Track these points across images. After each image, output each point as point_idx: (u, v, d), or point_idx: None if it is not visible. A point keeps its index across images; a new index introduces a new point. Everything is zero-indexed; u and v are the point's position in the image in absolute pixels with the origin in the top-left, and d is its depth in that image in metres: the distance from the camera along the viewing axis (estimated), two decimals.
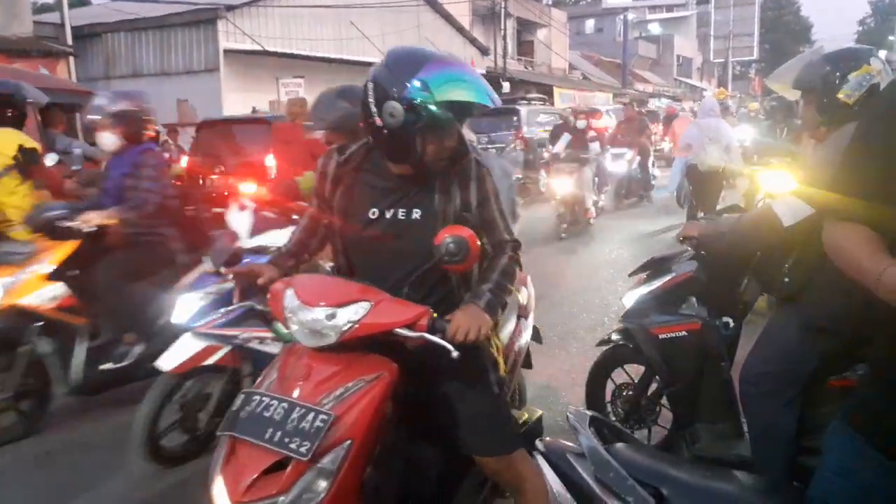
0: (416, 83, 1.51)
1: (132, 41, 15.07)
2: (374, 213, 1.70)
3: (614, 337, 2.88)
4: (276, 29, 14.64)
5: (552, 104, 17.81)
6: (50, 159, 3.91)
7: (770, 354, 2.18)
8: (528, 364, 2.58)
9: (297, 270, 1.86)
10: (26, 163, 3.55)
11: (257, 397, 1.50)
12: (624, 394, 2.92)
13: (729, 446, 2.49)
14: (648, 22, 42.25)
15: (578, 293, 5.62)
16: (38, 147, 3.74)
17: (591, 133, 8.75)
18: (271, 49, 14.03)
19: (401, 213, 1.69)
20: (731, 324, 2.57)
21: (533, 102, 15.24)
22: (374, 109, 1.56)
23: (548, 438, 1.59)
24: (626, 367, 2.95)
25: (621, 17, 31.90)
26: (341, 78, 15.79)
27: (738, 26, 45.76)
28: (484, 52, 21.56)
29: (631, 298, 2.72)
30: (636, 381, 2.87)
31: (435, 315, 1.57)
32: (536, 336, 2.60)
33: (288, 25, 14.89)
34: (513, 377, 2.27)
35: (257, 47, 13.92)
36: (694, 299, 2.61)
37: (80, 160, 5.26)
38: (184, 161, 7.56)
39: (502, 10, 22.55)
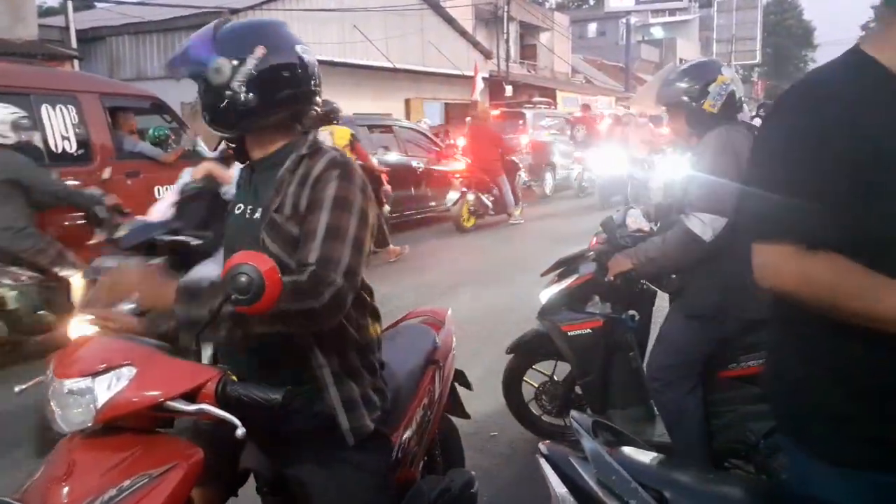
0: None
1: (137, 44, 15.12)
2: (238, 207, 1.46)
3: (522, 340, 3.06)
4: None
5: (555, 108, 17.87)
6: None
7: (667, 348, 2.41)
8: (461, 413, 2.31)
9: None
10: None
11: None
12: (544, 392, 3.09)
13: (640, 430, 2.68)
14: (651, 26, 42.26)
15: None
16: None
17: None
18: None
19: (248, 211, 1.42)
20: (637, 316, 2.76)
21: (538, 106, 15.29)
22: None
23: (549, 442, 1.60)
24: (537, 366, 3.12)
25: (624, 20, 31.88)
26: (345, 81, 15.83)
27: (741, 30, 45.72)
28: (487, 55, 21.59)
29: (545, 296, 2.88)
30: (552, 377, 3.08)
31: (231, 377, 1.21)
32: (463, 381, 2.31)
33: (292, 29, 14.86)
34: (423, 437, 1.87)
35: None
36: (597, 297, 2.80)
37: None
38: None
39: (505, 14, 22.59)
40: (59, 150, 4.92)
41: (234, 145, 1.47)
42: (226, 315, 1.23)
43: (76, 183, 4.65)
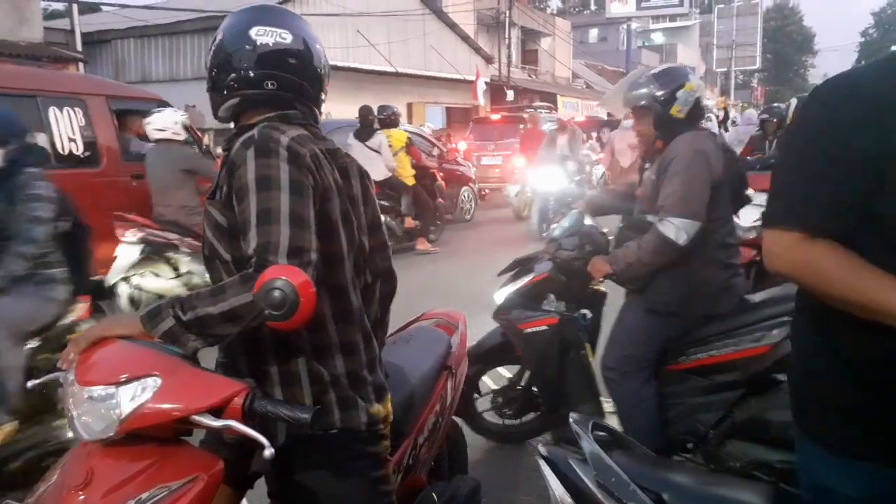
0: None
1: (141, 47, 15.20)
2: None
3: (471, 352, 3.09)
4: None
5: (556, 113, 17.92)
6: None
7: (623, 340, 2.45)
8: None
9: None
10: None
11: None
12: (499, 398, 3.09)
13: None
14: (652, 31, 42.33)
15: None
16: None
17: None
18: None
19: None
20: (589, 315, 2.80)
21: (539, 110, 15.39)
22: None
23: (548, 444, 1.62)
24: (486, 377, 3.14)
25: (625, 26, 31.97)
26: (348, 85, 15.77)
27: (741, 36, 45.80)
28: (488, 60, 21.65)
29: (501, 296, 2.90)
30: (494, 389, 3.11)
31: (258, 392, 1.18)
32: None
33: None
34: (433, 445, 1.82)
35: None
36: (553, 295, 2.83)
37: None
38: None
39: (507, 20, 22.66)
40: (66, 153, 4.96)
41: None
42: (186, 324, 1.19)
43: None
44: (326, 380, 1.33)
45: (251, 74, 1.35)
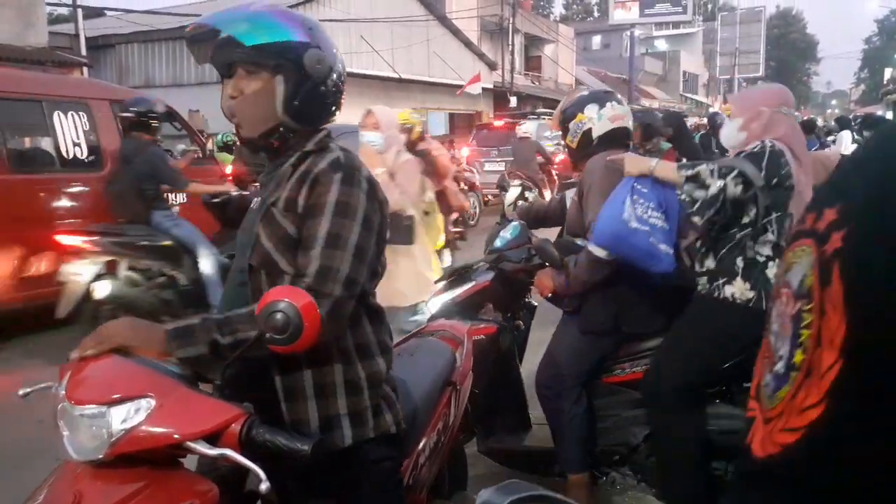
0: None
1: (145, 52, 15.28)
2: (255, 201, 1.41)
3: None
4: None
5: None
6: None
7: (558, 359, 2.50)
8: (466, 428, 2.28)
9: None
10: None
11: None
12: None
13: (519, 438, 2.75)
14: (655, 38, 42.45)
15: None
16: None
17: None
18: None
19: (258, 204, 1.38)
20: (522, 326, 2.88)
21: (542, 117, 15.42)
22: None
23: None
24: None
25: (628, 33, 32.04)
26: (351, 91, 16.04)
27: (745, 43, 45.92)
28: (492, 66, 21.72)
29: (436, 304, 2.86)
30: None
31: (257, 419, 1.11)
32: (473, 400, 2.33)
33: None
34: (434, 464, 1.78)
35: None
36: (490, 305, 2.84)
37: None
38: None
39: (510, 26, 22.75)
40: (71, 157, 5.00)
41: (276, 140, 1.36)
42: (221, 349, 1.16)
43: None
44: (363, 385, 1.33)
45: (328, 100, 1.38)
